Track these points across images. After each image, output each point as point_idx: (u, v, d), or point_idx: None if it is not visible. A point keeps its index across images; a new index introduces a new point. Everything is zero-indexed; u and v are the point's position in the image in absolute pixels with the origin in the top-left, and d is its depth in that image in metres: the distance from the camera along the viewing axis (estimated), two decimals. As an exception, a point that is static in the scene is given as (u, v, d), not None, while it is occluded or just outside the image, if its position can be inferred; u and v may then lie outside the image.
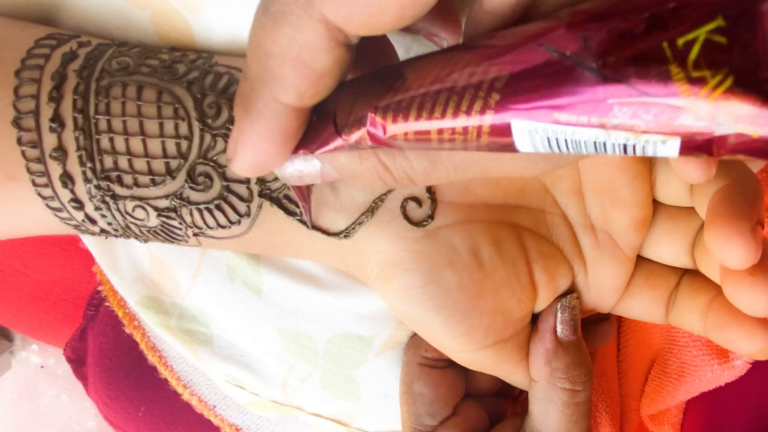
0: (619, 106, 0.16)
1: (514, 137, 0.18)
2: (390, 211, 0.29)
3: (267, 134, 0.20)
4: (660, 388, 0.40)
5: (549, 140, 0.17)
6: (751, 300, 0.24)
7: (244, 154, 0.21)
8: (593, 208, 0.29)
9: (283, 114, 0.20)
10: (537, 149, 0.18)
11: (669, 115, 0.15)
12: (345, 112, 0.21)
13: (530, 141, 0.18)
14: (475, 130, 0.18)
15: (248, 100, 0.20)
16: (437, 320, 0.28)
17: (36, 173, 0.28)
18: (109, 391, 0.43)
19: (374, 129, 0.20)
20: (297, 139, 0.21)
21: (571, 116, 0.16)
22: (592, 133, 0.16)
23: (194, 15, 0.31)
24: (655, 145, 0.16)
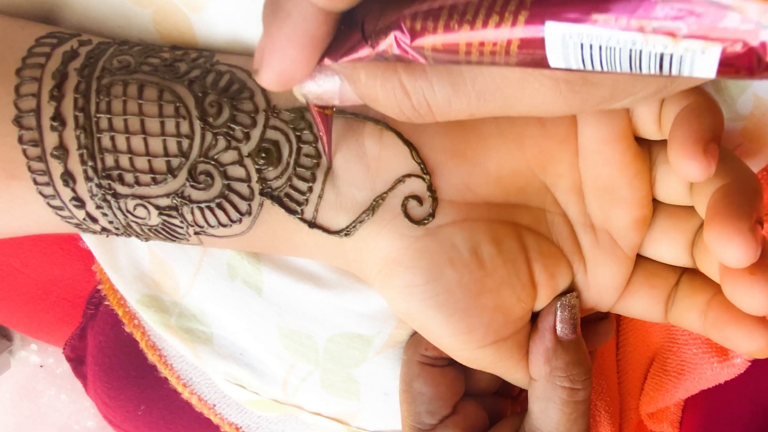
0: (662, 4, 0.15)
1: (547, 46, 0.17)
2: (391, 209, 0.29)
3: (295, 38, 0.20)
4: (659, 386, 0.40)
5: (582, 49, 0.17)
6: (751, 298, 0.24)
7: (272, 61, 0.20)
8: (593, 207, 0.30)
9: (312, 16, 0.19)
10: (569, 63, 0.17)
11: (713, 16, 0.15)
12: (373, 18, 0.20)
13: (563, 52, 0.17)
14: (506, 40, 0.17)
15: (277, 3, 0.19)
16: (438, 318, 0.28)
17: (37, 172, 0.28)
18: (108, 390, 0.43)
19: (402, 35, 0.19)
20: (324, 46, 0.21)
21: (610, 17, 0.16)
22: (629, 38, 0.16)
23: (197, 13, 0.32)
24: (693, 56, 0.15)
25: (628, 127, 0.28)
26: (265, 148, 0.28)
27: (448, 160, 0.28)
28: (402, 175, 0.28)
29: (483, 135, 0.28)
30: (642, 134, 0.28)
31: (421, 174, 0.28)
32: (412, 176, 0.28)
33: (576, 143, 0.28)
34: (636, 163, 0.28)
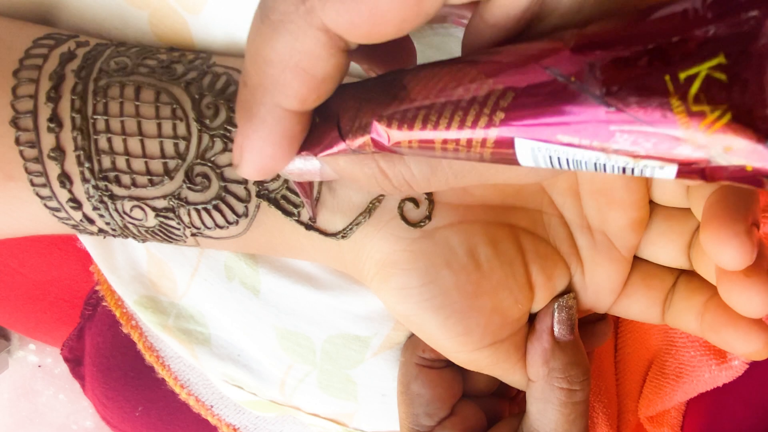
0: (620, 133, 0.16)
1: (517, 153, 0.18)
2: (387, 211, 0.29)
3: (271, 139, 0.20)
4: (658, 389, 0.40)
5: (551, 158, 0.18)
6: (747, 301, 0.24)
7: (250, 159, 0.21)
8: (590, 208, 0.30)
9: (285, 119, 0.20)
10: (538, 165, 0.18)
11: (668, 145, 0.16)
12: (349, 117, 0.21)
13: (532, 157, 0.18)
14: (479, 143, 0.19)
15: (250, 108, 0.20)
16: (434, 320, 0.28)
17: (34, 173, 0.28)
18: (106, 390, 0.43)
19: (378, 137, 0.20)
20: (300, 141, 0.21)
21: (573, 138, 0.17)
22: (593, 155, 0.17)
23: (193, 15, 0.31)
24: (653, 170, 0.17)
25: None
26: None
27: None
28: None
29: None
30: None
31: None
32: None
33: None
34: None
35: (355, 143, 0.21)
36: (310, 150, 0.22)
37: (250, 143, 0.21)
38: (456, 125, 0.19)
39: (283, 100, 0.19)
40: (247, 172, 0.21)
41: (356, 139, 0.21)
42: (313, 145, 0.22)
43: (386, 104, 0.20)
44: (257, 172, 0.21)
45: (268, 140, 0.20)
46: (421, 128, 0.19)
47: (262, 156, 0.21)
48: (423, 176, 0.23)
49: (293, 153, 0.21)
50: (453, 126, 0.19)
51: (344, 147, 0.21)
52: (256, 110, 0.20)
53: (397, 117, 0.20)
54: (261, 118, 0.20)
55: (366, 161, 0.23)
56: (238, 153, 0.21)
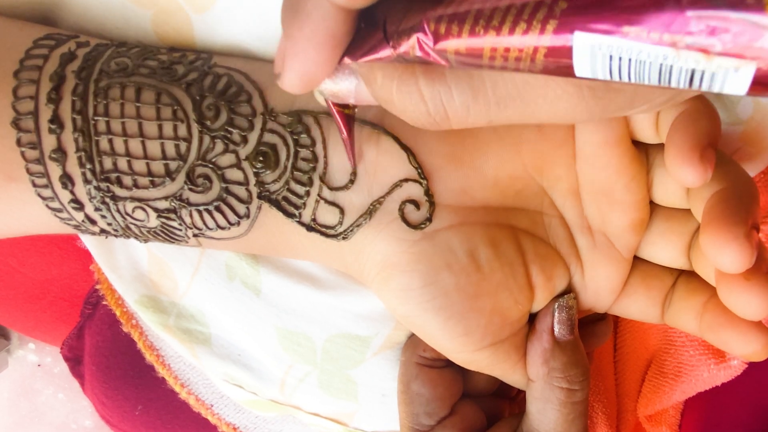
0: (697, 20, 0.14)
1: (574, 55, 0.16)
2: (388, 213, 0.29)
3: (316, 39, 0.19)
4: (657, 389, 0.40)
5: (611, 61, 0.16)
6: (746, 303, 0.24)
7: (294, 64, 0.20)
8: (590, 209, 0.30)
9: (331, 15, 0.19)
10: (596, 74, 0.17)
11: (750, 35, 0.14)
12: (396, 19, 0.20)
13: (590, 62, 0.16)
14: (532, 47, 0.17)
15: (296, 4, 0.19)
16: (435, 321, 0.28)
17: (36, 174, 0.28)
18: (105, 390, 0.43)
19: (425, 38, 0.19)
20: (345, 46, 0.20)
21: (642, 30, 0.15)
22: (660, 52, 0.15)
23: (199, 14, 0.31)
24: (725, 74, 0.15)
25: (626, 130, 0.28)
26: (262, 151, 0.28)
27: (445, 165, 0.28)
28: (399, 179, 0.28)
29: (480, 139, 0.28)
30: (639, 138, 0.28)
31: (418, 178, 0.28)
32: (409, 181, 0.28)
33: (573, 147, 0.28)
34: (633, 166, 0.28)
35: (400, 47, 0.20)
36: (351, 55, 0.21)
37: (293, 45, 0.20)
38: (510, 21, 0.17)
39: None
40: (290, 80, 0.21)
41: (402, 41, 0.19)
42: (356, 50, 0.21)
43: (434, 5, 0.19)
44: (300, 79, 0.20)
45: (312, 40, 0.19)
46: (473, 23, 0.18)
47: (305, 59, 0.20)
48: (463, 102, 0.21)
49: (337, 57, 0.20)
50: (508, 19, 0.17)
51: (389, 51, 0.20)
52: (302, 6, 0.19)
53: (445, 19, 0.18)
54: (306, 14, 0.19)
55: (405, 79, 0.21)
56: (280, 59, 0.20)
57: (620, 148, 0.28)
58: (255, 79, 0.30)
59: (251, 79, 0.30)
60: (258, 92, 0.29)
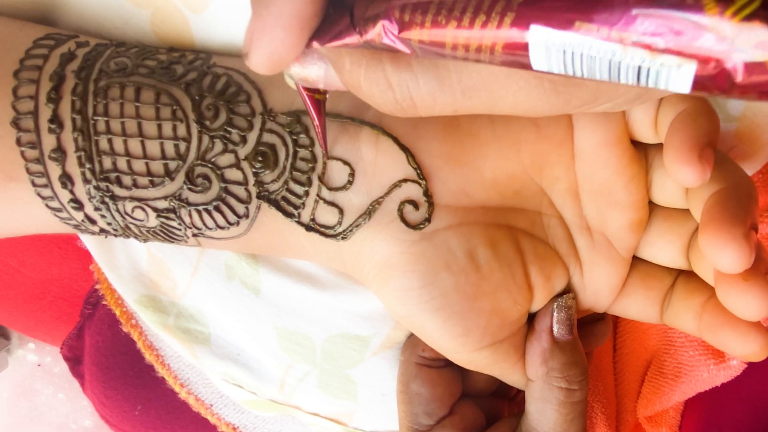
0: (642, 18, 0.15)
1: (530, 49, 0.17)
2: (387, 213, 0.29)
3: (282, 18, 0.19)
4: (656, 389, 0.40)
5: (564, 55, 0.17)
6: (744, 304, 0.24)
7: (261, 43, 0.20)
8: (589, 209, 0.30)
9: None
10: (551, 66, 0.17)
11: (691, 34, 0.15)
12: (363, 5, 0.20)
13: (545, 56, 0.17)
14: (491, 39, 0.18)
15: None
16: (434, 322, 0.28)
17: (35, 174, 0.28)
18: (105, 389, 0.43)
19: (390, 25, 0.19)
20: (313, 28, 0.20)
21: (592, 26, 0.16)
22: (609, 48, 0.16)
23: (196, 14, 0.31)
24: (669, 71, 0.16)
25: (625, 130, 0.28)
26: (261, 151, 0.28)
27: (444, 165, 0.28)
28: (398, 180, 0.28)
29: (479, 140, 0.28)
30: (638, 138, 0.28)
31: (417, 179, 0.28)
32: (408, 181, 0.28)
33: (572, 147, 0.28)
34: (632, 166, 0.28)
35: (366, 34, 0.20)
36: (319, 39, 0.21)
37: (260, 25, 0.20)
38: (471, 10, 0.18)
39: None
40: (257, 60, 0.20)
41: (368, 28, 0.20)
42: (324, 35, 0.21)
43: None
44: (267, 59, 0.20)
45: (279, 20, 0.19)
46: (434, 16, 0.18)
47: (272, 40, 0.20)
48: (429, 91, 0.21)
49: (305, 39, 0.20)
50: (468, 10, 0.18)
51: (356, 38, 0.20)
52: None
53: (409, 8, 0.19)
54: None
55: (372, 66, 0.22)
56: (248, 38, 0.20)
57: (619, 148, 0.28)
58: (254, 79, 0.30)
59: (250, 79, 0.30)
60: (257, 92, 0.29)
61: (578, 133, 0.28)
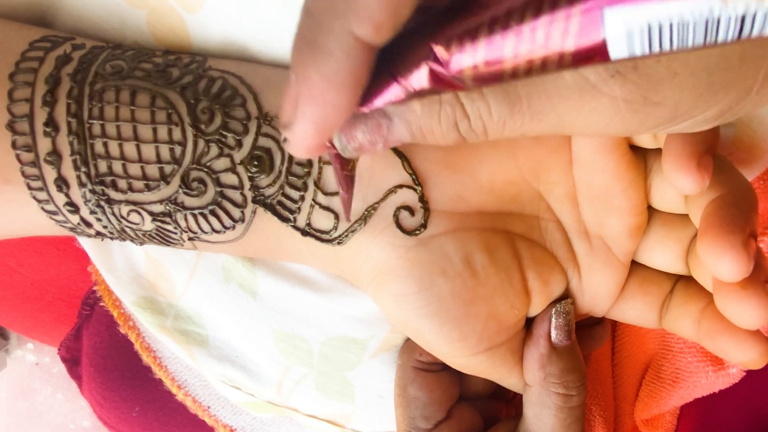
0: None
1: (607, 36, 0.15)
2: (383, 219, 0.29)
3: (337, 79, 0.17)
4: (654, 394, 0.40)
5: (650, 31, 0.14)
6: (742, 313, 0.24)
7: (309, 110, 0.18)
8: (587, 214, 0.29)
9: (356, 52, 0.17)
10: (633, 51, 0.15)
11: None
12: (401, 52, 0.18)
13: (626, 38, 0.15)
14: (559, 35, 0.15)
15: (313, 39, 0.17)
16: (430, 327, 0.28)
17: (31, 177, 0.28)
18: (103, 391, 0.43)
19: (437, 65, 0.17)
20: (363, 88, 0.18)
21: None
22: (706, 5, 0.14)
23: (192, 14, 0.31)
24: None
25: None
26: (257, 155, 0.28)
27: (440, 171, 0.28)
28: (394, 185, 0.28)
29: (475, 145, 0.28)
30: (637, 143, 0.28)
31: (412, 185, 0.28)
32: (403, 187, 0.28)
33: (569, 151, 0.28)
34: (630, 171, 0.28)
35: (411, 81, 0.17)
36: (364, 104, 0.19)
37: (308, 87, 0.17)
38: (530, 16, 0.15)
39: (357, 25, 0.16)
40: (303, 130, 0.18)
41: (411, 74, 0.17)
42: (364, 98, 0.19)
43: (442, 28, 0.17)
44: (316, 127, 0.18)
45: (333, 81, 0.17)
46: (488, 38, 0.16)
47: (323, 104, 0.18)
48: (500, 116, 0.20)
49: (355, 102, 0.18)
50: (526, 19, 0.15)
51: (399, 90, 0.18)
52: (322, 41, 0.17)
53: (457, 37, 0.16)
54: (327, 51, 0.17)
55: (446, 100, 0.20)
56: (290, 105, 0.18)
57: (617, 153, 0.27)
58: (249, 82, 0.30)
59: (246, 82, 0.30)
60: (252, 96, 0.29)
61: (576, 139, 0.28)
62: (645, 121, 0.20)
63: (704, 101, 0.19)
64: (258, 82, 0.30)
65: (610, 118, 0.20)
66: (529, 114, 0.20)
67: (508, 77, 0.17)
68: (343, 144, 0.21)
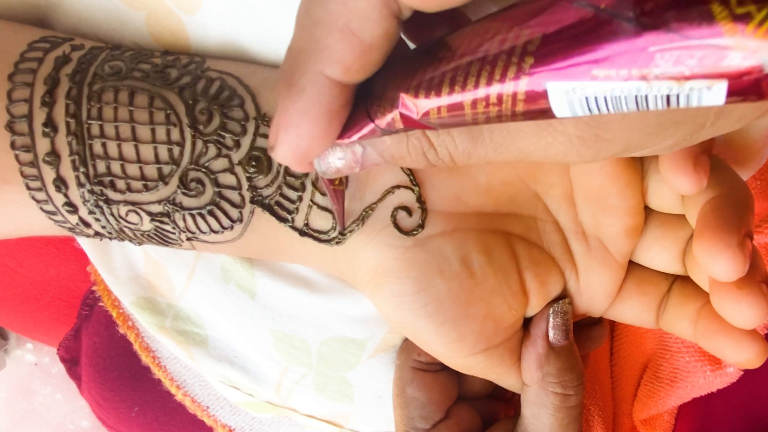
0: (660, 54, 0.15)
1: (551, 102, 0.17)
2: (381, 219, 0.29)
3: (310, 112, 0.19)
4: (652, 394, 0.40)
5: (587, 101, 0.16)
6: (738, 312, 0.24)
7: (287, 138, 0.20)
8: (585, 215, 0.29)
9: (327, 90, 0.19)
10: (575, 112, 0.17)
11: (715, 57, 0.14)
12: (376, 95, 0.20)
13: (568, 104, 0.17)
14: (510, 99, 0.17)
15: (291, 77, 0.19)
16: (428, 327, 0.28)
17: (30, 177, 0.28)
18: (102, 391, 0.43)
19: (406, 110, 0.19)
20: (341, 122, 0.20)
21: (610, 71, 0.15)
22: (633, 86, 0.16)
23: (190, 16, 0.31)
24: (700, 93, 0.15)
25: None
26: (255, 156, 0.28)
27: (437, 171, 0.28)
28: (391, 186, 0.28)
29: None
30: None
31: (410, 185, 0.28)
32: (401, 187, 0.28)
33: None
34: (627, 172, 0.28)
35: (384, 121, 0.20)
36: (340, 137, 0.21)
37: (287, 118, 0.19)
38: (484, 82, 0.17)
39: (327, 66, 0.18)
40: (282, 154, 0.20)
41: (385, 116, 0.20)
42: (344, 132, 0.21)
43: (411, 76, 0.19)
44: (292, 153, 0.20)
45: (307, 114, 0.19)
46: (449, 92, 0.18)
47: (299, 134, 0.20)
48: (464, 149, 0.22)
49: (332, 134, 0.20)
50: (481, 84, 0.17)
51: (372, 127, 0.20)
52: (297, 78, 0.19)
53: (423, 86, 0.19)
54: (301, 87, 0.19)
55: (412, 134, 0.22)
56: (274, 131, 0.20)
57: None
58: (247, 83, 0.30)
59: (244, 83, 0.30)
60: (250, 96, 0.29)
61: None
62: (599, 153, 0.21)
63: (654, 137, 0.20)
64: (256, 82, 0.30)
65: (566, 151, 0.21)
66: (491, 146, 0.22)
67: (471, 122, 0.19)
68: (323, 168, 0.23)
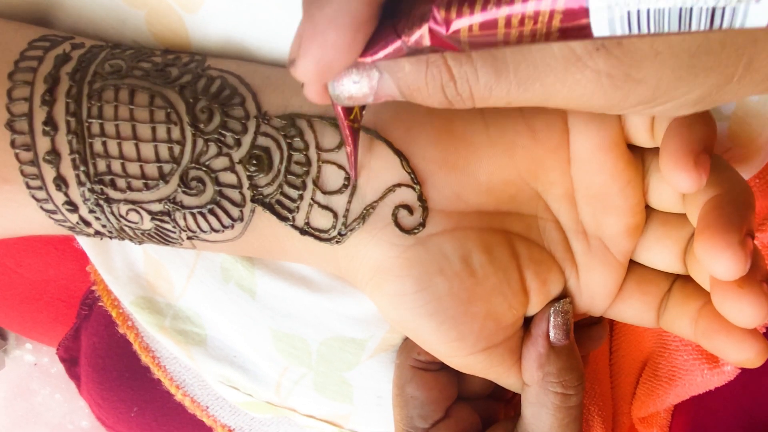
0: None
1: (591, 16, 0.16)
2: (381, 218, 0.29)
3: (338, 20, 0.18)
4: (650, 392, 0.40)
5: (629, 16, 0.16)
6: (738, 311, 0.24)
7: (311, 48, 0.19)
8: (585, 214, 0.30)
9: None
10: (614, 31, 0.16)
11: None
12: (405, 10, 0.19)
13: (608, 20, 0.16)
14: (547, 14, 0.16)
15: None
16: (428, 326, 0.28)
17: (30, 176, 0.28)
18: (101, 391, 0.43)
19: (436, 25, 0.18)
20: (367, 36, 0.19)
21: None
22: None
23: (190, 14, 0.31)
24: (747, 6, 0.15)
25: (621, 135, 0.28)
26: (256, 154, 0.28)
27: (438, 170, 0.28)
28: (392, 184, 0.28)
29: (473, 144, 0.28)
30: (635, 142, 0.28)
31: (411, 183, 0.28)
32: (402, 186, 0.28)
33: (568, 151, 0.28)
34: (628, 171, 0.28)
35: (411, 38, 0.19)
36: (364, 55, 0.20)
37: (312, 26, 0.18)
38: None
39: None
40: (304, 66, 0.19)
41: (413, 32, 0.19)
42: (369, 48, 0.20)
43: None
44: (316, 65, 0.19)
45: (335, 21, 0.18)
46: (483, 8, 0.17)
47: (324, 43, 0.18)
48: (486, 82, 0.21)
49: (358, 47, 0.19)
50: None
51: (399, 44, 0.19)
52: None
53: (456, 1, 0.18)
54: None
55: (432, 61, 0.21)
56: (296, 43, 0.19)
57: (615, 152, 0.28)
58: (248, 81, 0.30)
59: (245, 82, 0.30)
60: (251, 95, 0.29)
61: (574, 137, 0.28)
62: (626, 97, 0.20)
63: (684, 83, 0.20)
64: (257, 81, 0.30)
65: (593, 92, 0.20)
66: (515, 82, 0.21)
67: (501, 43, 0.18)
68: (336, 91, 0.22)
